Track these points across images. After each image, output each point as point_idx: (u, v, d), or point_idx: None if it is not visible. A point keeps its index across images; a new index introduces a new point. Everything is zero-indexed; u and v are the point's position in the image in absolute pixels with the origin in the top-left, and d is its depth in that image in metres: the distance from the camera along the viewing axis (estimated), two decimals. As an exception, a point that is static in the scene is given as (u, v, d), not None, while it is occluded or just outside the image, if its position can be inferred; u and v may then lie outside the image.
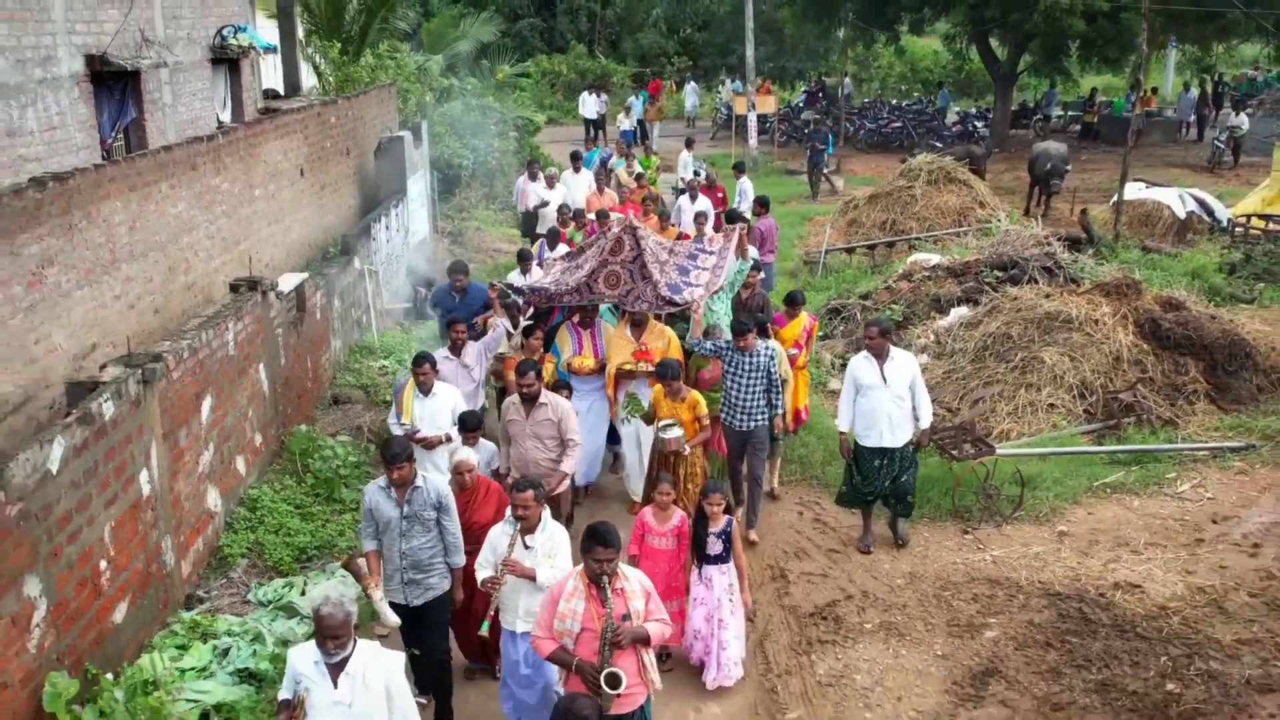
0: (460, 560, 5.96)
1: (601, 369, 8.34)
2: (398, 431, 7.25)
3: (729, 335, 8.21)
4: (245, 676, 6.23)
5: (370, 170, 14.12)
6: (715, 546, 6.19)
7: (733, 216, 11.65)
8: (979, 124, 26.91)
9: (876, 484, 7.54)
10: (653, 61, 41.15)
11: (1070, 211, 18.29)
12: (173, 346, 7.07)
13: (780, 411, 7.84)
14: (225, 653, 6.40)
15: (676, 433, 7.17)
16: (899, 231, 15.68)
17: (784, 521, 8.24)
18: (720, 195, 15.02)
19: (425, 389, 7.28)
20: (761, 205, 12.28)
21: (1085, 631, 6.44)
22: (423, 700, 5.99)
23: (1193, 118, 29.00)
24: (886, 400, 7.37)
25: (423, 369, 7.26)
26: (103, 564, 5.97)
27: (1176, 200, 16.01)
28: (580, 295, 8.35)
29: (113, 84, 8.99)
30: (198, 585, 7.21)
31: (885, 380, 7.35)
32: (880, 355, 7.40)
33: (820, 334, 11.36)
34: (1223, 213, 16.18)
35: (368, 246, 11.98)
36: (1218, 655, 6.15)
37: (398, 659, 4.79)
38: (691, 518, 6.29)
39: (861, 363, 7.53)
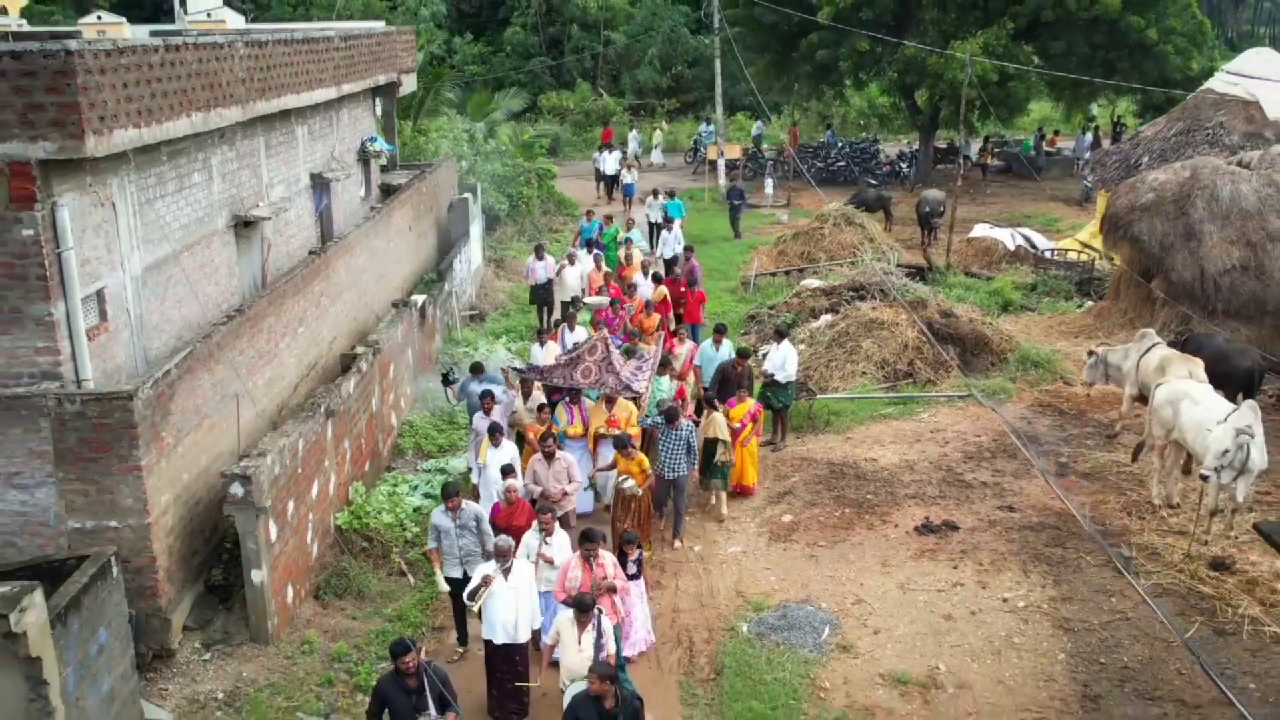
0: (490, 546, 9.11)
1: (586, 433, 12.17)
2: (475, 466, 11.86)
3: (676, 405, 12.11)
4: (427, 497, 12.79)
5: (443, 220, 20.71)
6: (631, 569, 9.55)
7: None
8: (904, 165, 33.51)
9: (769, 399, 13.97)
10: (648, 95, 47.49)
11: (950, 242, 24.89)
12: (379, 336, 13.66)
13: (695, 466, 11.73)
14: (415, 487, 12.98)
15: (630, 483, 10.85)
16: (812, 261, 22.23)
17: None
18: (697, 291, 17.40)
19: (496, 443, 11.28)
20: (689, 250, 18.85)
21: (840, 477, 12.98)
22: (461, 649, 9.73)
23: (1088, 155, 35.58)
24: (770, 368, 13.93)
25: (495, 438, 11.25)
26: (362, 441, 12.54)
27: (1008, 237, 22.58)
28: (565, 380, 12.38)
29: (317, 185, 15.54)
30: (391, 461, 13.78)
31: (766, 358, 13.92)
32: (777, 344, 13.92)
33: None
34: (1043, 244, 22.76)
35: (451, 274, 18.58)
36: (898, 484, 12.70)
37: (530, 570, 8.81)
38: (639, 545, 9.81)
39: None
